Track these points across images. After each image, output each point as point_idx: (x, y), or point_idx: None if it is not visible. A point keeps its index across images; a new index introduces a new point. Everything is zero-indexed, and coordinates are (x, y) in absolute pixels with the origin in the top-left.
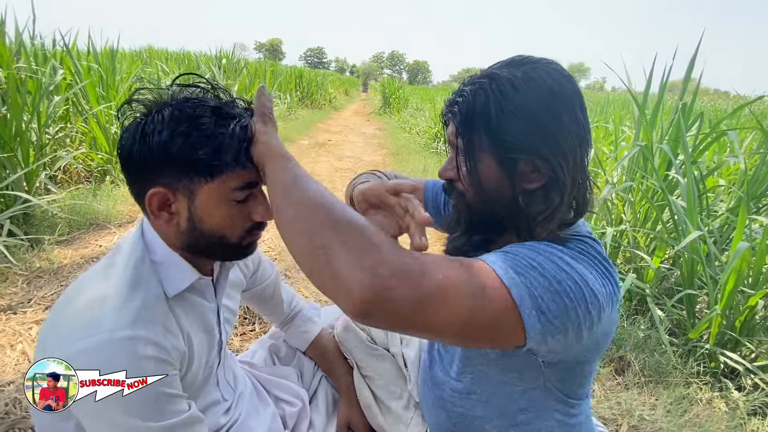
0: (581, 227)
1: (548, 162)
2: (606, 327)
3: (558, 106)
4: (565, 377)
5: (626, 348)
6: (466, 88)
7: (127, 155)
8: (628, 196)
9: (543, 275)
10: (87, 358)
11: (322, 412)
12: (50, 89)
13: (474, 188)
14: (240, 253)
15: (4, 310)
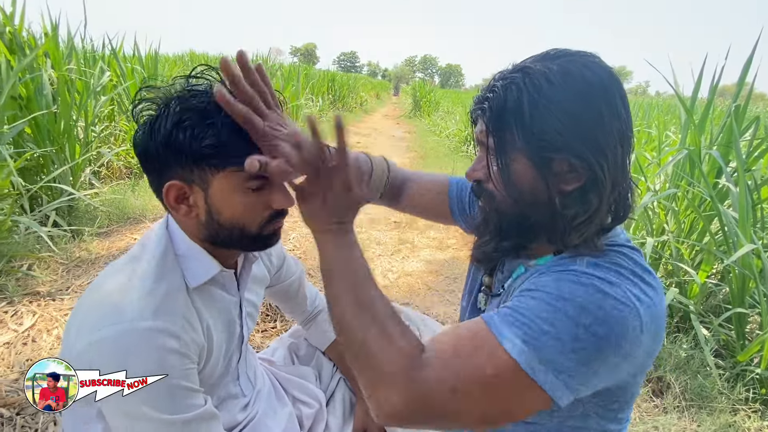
0: (619, 235)
1: (586, 161)
2: (649, 346)
3: (597, 101)
4: (606, 403)
5: (666, 368)
6: (497, 83)
7: (141, 151)
8: (671, 204)
9: (556, 338)
10: (110, 345)
11: (338, 415)
12: (97, 90)
13: (506, 190)
14: (262, 243)
15: (44, 296)
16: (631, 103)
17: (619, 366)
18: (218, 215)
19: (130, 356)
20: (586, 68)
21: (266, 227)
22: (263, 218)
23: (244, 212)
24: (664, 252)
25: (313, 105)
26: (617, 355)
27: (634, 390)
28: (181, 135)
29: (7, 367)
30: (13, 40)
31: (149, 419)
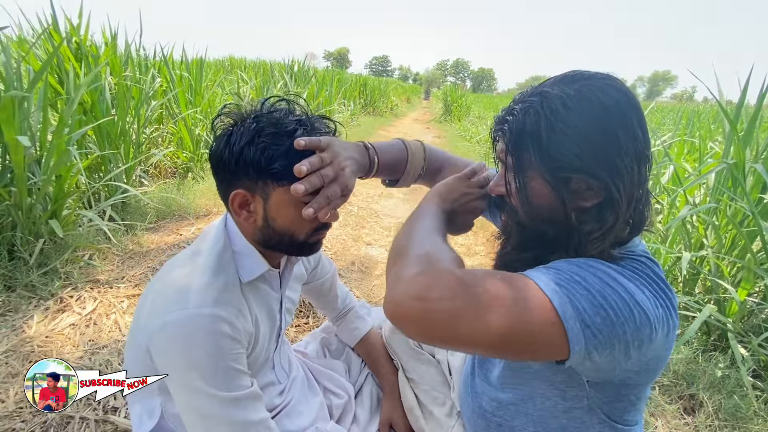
0: (637, 246)
1: (603, 182)
2: (658, 351)
3: (613, 124)
4: (611, 400)
5: (699, 386)
6: (516, 107)
7: (217, 160)
8: (711, 219)
9: (587, 289)
10: (176, 327)
11: (366, 408)
12: (150, 95)
13: (523, 207)
14: (307, 250)
15: (103, 283)
16: (674, 110)
17: (627, 353)
18: (273, 222)
19: (192, 338)
20: (602, 92)
21: (312, 236)
22: (310, 229)
23: (295, 222)
24: (703, 267)
25: (345, 109)
26: (634, 339)
27: (640, 393)
28: (253, 152)
29: (73, 346)
30: (79, 49)
31: (206, 394)
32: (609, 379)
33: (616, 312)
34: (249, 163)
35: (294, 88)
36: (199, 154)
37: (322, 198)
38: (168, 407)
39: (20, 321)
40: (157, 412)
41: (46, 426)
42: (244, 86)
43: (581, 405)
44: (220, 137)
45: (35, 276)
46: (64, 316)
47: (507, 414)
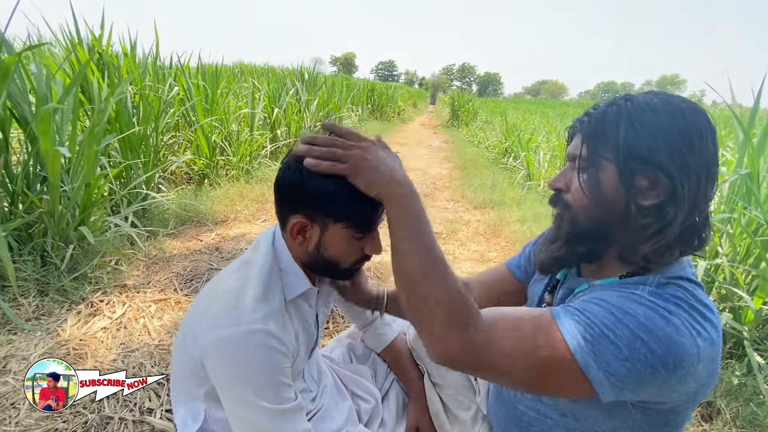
0: (686, 269)
1: (671, 177)
2: (703, 380)
3: (690, 130)
4: (657, 424)
5: (716, 394)
6: (602, 105)
7: (287, 187)
8: (726, 227)
9: (614, 343)
10: (229, 343)
11: (392, 412)
12: (168, 103)
13: (590, 195)
14: (347, 275)
15: (130, 288)
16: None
17: (670, 388)
18: (324, 251)
19: (246, 353)
20: (685, 103)
21: (354, 265)
22: (355, 259)
23: (344, 253)
24: (718, 275)
25: (354, 114)
26: (672, 378)
27: (685, 415)
28: (324, 189)
29: (106, 349)
30: (101, 59)
31: (257, 406)
32: (658, 407)
33: (644, 362)
34: (317, 198)
35: (306, 96)
36: (215, 161)
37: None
38: (211, 412)
39: (54, 324)
40: (201, 417)
41: (87, 426)
42: (257, 93)
43: (626, 425)
44: (290, 166)
45: (67, 281)
46: (95, 320)
47: (543, 424)
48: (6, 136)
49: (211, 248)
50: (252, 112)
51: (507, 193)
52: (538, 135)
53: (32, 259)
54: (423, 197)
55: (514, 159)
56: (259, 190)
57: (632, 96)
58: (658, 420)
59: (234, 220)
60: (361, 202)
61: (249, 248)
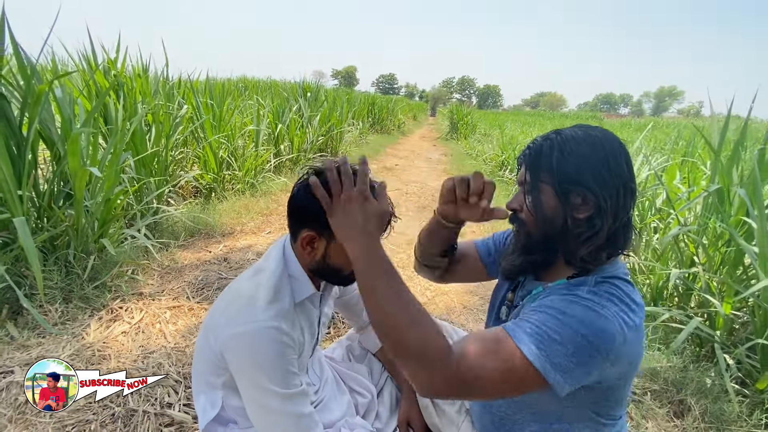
0: (618, 269)
1: (595, 194)
2: (630, 358)
3: (606, 156)
4: (598, 400)
5: (687, 392)
6: (538, 139)
7: (300, 206)
8: (700, 239)
9: (561, 343)
10: (247, 337)
11: (386, 406)
12: (177, 121)
13: (535, 214)
14: (346, 281)
15: (146, 296)
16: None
17: (606, 370)
18: (329, 260)
19: (260, 346)
20: (602, 134)
21: (353, 273)
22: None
23: (346, 262)
24: (695, 284)
25: (354, 128)
26: (606, 361)
27: (622, 393)
28: None
29: (127, 351)
30: (116, 80)
31: (269, 391)
32: (599, 386)
33: (585, 353)
34: (325, 216)
35: (308, 112)
36: (222, 175)
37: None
38: (228, 400)
39: (79, 329)
40: (218, 404)
41: (114, 418)
42: (262, 110)
43: (573, 403)
44: (302, 187)
45: (89, 289)
46: (116, 325)
47: (509, 410)
48: (35, 155)
49: (220, 259)
50: (257, 129)
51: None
52: None
53: (57, 269)
54: (421, 209)
55: (510, 172)
56: (263, 203)
57: (561, 130)
58: (599, 395)
59: (240, 232)
60: None
61: (261, 258)
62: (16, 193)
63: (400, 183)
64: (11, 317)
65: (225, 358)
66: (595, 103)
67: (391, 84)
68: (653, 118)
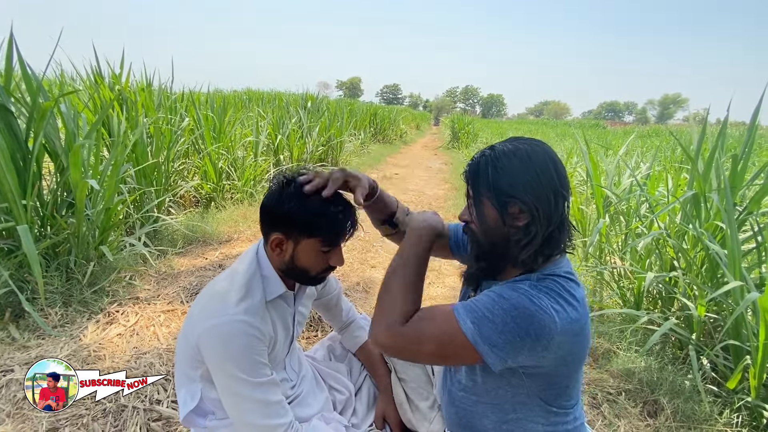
0: (562, 267)
1: (527, 204)
2: (568, 347)
3: (534, 166)
4: (543, 387)
5: (660, 392)
6: (476, 156)
7: (269, 209)
8: (680, 243)
9: (492, 321)
10: (219, 329)
11: (364, 403)
12: (178, 133)
13: (480, 225)
14: (314, 281)
15: (142, 301)
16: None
17: (537, 353)
18: (297, 261)
19: (231, 337)
20: (530, 146)
21: (321, 273)
22: (321, 268)
23: (312, 263)
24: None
25: (356, 138)
26: (537, 345)
27: (568, 382)
28: (299, 212)
29: (121, 352)
30: (120, 94)
31: (239, 379)
32: (540, 372)
33: (514, 334)
34: (293, 219)
35: (307, 123)
36: (222, 185)
37: (361, 190)
38: (206, 392)
39: (77, 331)
40: (197, 395)
41: (106, 413)
42: (261, 121)
43: (523, 391)
44: (273, 193)
45: (88, 294)
46: (112, 328)
47: (469, 402)
48: (40, 167)
49: (215, 265)
50: (256, 140)
51: None
52: None
53: (58, 275)
54: None
55: None
56: None
57: (495, 146)
58: (543, 382)
59: (237, 239)
60: (329, 223)
61: (237, 260)
62: (21, 203)
63: (398, 191)
64: (13, 320)
65: (200, 350)
66: (600, 111)
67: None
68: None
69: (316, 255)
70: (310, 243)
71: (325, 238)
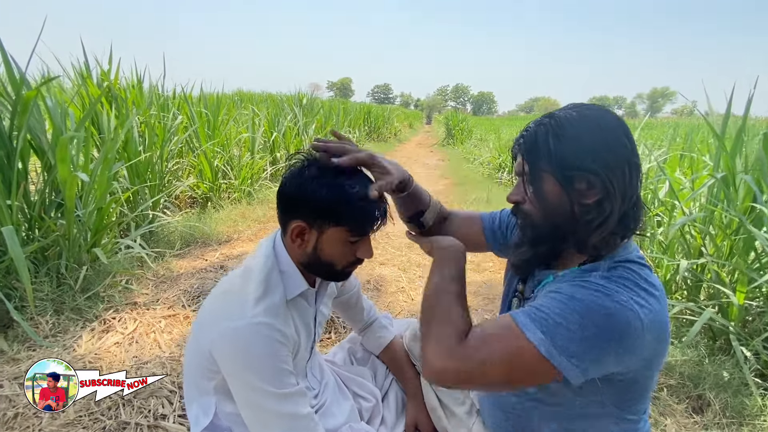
0: (632, 252)
1: (599, 176)
2: (653, 346)
3: (605, 133)
4: (621, 394)
5: (705, 386)
6: (530, 126)
7: (289, 194)
8: (707, 228)
9: (567, 328)
10: (236, 334)
11: (392, 410)
12: (172, 131)
13: (539, 204)
14: (340, 277)
15: (141, 306)
16: (675, 125)
17: (623, 357)
18: (321, 252)
19: (250, 343)
20: (597, 112)
21: (347, 267)
22: (348, 261)
23: (338, 255)
24: (705, 275)
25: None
26: (621, 347)
27: (647, 385)
28: (325, 196)
29: (120, 362)
30: (110, 91)
31: (262, 391)
32: (619, 377)
33: (595, 339)
34: (316, 204)
35: (303, 120)
36: (218, 184)
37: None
38: (221, 406)
39: (70, 341)
40: (211, 411)
41: (105, 431)
42: (256, 118)
43: (595, 398)
44: (291, 176)
45: (81, 300)
46: (108, 336)
47: (525, 407)
48: (25, 165)
49: (216, 266)
50: (252, 137)
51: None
52: None
53: (48, 280)
54: None
55: (508, 173)
56: (260, 210)
57: (553, 113)
58: (622, 388)
59: (237, 240)
60: (357, 209)
61: (252, 253)
62: (5, 203)
63: None
64: (1, 330)
65: (214, 358)
66: None
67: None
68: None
69: (343, 246)
70: (336, 232)
71: (354, 226)
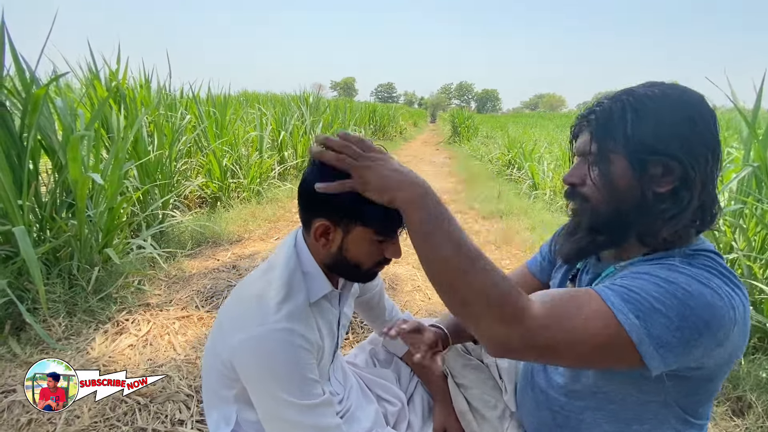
0: (706, 243)
1: (681, 162)
2: (738, 340)
3: (692, 114)
4: (689, 393)
5: (745, 388)
6: (605, 101)
7: (311, 191)
8: (738, 222)
9: (665, 315)
10: (257, 341)
11: (419, 415)
12: (180, 131)
13: (604, 189)
14: (366, 277)
15: (154, 307)
16: None
17: (711, 351)
18: (346, 252)
19: (272, 351)
20: (683, 92)
21: (374, 268)
22: (375, 261)
23: (365, 255)
24: (736, 270)
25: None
26: (713, 341)
27: (716, 385)
28: (350, 193)
29: (134, 365)
30: (118, 91)
31: (286, 402)
32: (693, 374)
33: (692, 329)
34: (341, 202)
35: (310, 119)
36: (227, 183)
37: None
38: (242, 414)
39: (83, 344)
40: (233, 419)
41: None
42: (264, 118)
43: (658, 398)
44: (314, 172)
45: (93, 302)
46: (122, 338)
47: (574, 408)
48: (36, 165)
49: (229, 266)
50: (260, 135)
51: (514, 203)
52: (540, 146)
53: (60, 281)
54: None
55: (518, 170)
56: (270, 210)
57: (632, 90)
58: (691, 386)
59: (248, 239)
60: (381, 208)
61: (272, 253)
62: (17, 203)
63: None
64: (14, 333)
65: (234, 367)
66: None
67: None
68: None
69: (370, 245)
70: (363, 231)
71: (383, 224)
